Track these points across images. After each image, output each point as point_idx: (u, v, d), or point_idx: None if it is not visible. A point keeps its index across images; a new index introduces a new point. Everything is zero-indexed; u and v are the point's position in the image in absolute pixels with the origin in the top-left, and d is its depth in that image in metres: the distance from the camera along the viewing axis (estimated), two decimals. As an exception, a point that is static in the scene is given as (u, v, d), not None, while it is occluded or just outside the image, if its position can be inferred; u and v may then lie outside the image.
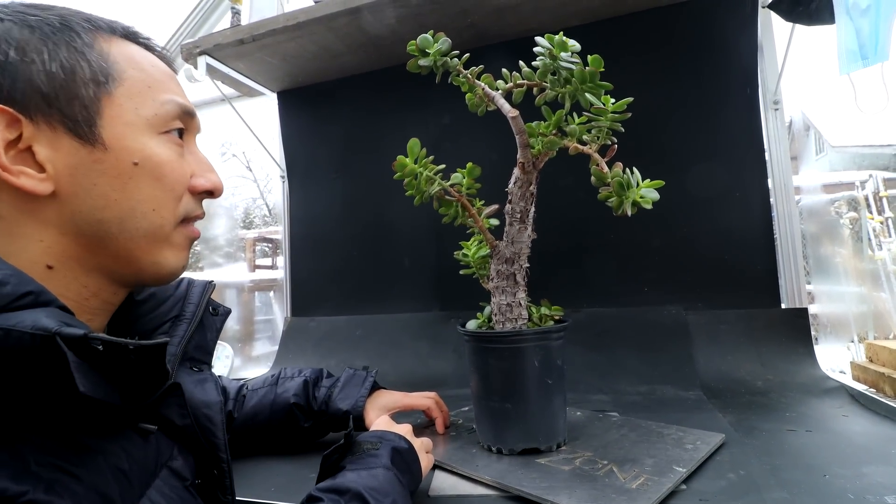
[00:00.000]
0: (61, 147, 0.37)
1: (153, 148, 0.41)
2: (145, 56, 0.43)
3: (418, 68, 0.74)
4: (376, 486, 0.52)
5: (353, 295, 1.50)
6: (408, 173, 0.75)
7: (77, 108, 0.38)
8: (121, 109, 0.39)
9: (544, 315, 0.80)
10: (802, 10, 0.96)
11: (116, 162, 0.39)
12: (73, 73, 0.38)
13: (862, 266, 2.84)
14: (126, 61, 0.41)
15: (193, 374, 0.50)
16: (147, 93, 0.41)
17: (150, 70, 0.42)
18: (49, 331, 0.29)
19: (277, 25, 1.22)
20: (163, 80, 0.43)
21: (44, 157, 0.37)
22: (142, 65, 0.42)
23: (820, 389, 0.97)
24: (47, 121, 0.37)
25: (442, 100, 1.29)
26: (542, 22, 1.24)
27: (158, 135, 0.41)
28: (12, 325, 0.29)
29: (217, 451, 0.48)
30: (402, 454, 0.60)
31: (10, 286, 0.31)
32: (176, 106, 0.43)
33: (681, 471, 0.63)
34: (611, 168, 0.64)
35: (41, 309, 0.32)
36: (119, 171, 0.39)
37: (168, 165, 0.42)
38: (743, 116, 1.18)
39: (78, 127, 0.38)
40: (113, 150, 0.39)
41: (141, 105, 0.41)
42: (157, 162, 0.41)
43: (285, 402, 0.80)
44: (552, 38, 0.66)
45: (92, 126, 0.38)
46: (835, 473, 0.62)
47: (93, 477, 0.33)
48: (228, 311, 0.57)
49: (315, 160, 1.60)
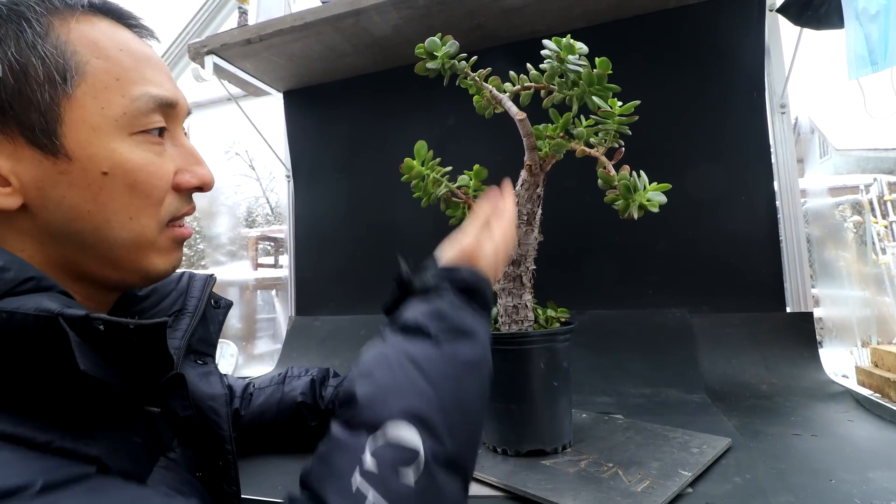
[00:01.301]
0: (23, 158, 0.34)
1: (124, 153, 0.36)
2: (114, 36, 0.37)
3: (426, 71, 0.74)
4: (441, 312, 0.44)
5: (357, 295, 1.50)
6: (415, 175, 0.76)
7: (34, 116, 0.34)
8: (84, 112, 0.35)
9: (550, 317, 0.80)
10: (811, 14, 0.96)
11: (83, 173, 0.35)
12: (26, 75, 0.33)
13: (866, 270, 2.83)
14: (89, 48, 0.36)
15: (198, 366, 0.50)
16: (115, 87, 0.36)
17: (118, 56, 0.37)
18: (52, 312, 0.30)
19: (285, 25, 1.22)
20: (134, 66, 0.37)
21: (7, 170, 0.34)
22: (108, 51, 0.36)
23: (825, 394, 0.97)
24: (4, 132, 0.34)
25: (447, 101, 1.30)
26: (548, 24, 1.24)
27: (130, 136, 0.37)
28: (15, 308, 0.29)
29: (223, 442, 0.48)
30: (471, 290, 0.48)
31: (13, 272, 0.32)
32: (150, 100, 0.38)
33: (686, 474, 0.63)
34: (618, 171, 0.64)
35: (43, 293, 0.32)
36: (87, 183, 0.35)
37: (143, 170, 0.37)
38: (749, 120, 1.18)
39: (37, 137, 0.34)
40: (78, 159, 0.35)
41: (108, 104, 0.36)
42: (130, 168, 0.37)
43: (292, 400, 0.80)
44: (559, 41, 0.66)
45: (52, 135, 0.34)
46: (841, 478, 0.62)
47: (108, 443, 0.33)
48: (230, 303, 0.56)
49: (320, 160, 1.61)
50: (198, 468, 0.46)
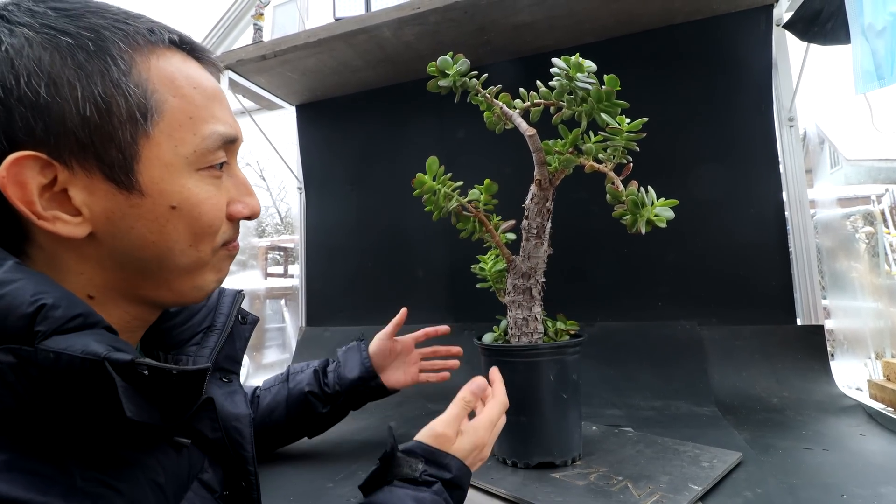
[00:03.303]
0: (97, 191, 0.35)
1: (191, 188, 0.38)
2: (189, 73, 0.39)
3: (438, 88, 0.76)
4: None
5: (368, 305, 1.52)
6: (426, 190, 0.77)
7: (113, 153, 0.35)
8: (159, 150, 0.37)
9: (560, 329, 0.81)
10: (818, 30, 0.97)
11: (153, 207, 0.37)
12: (109, 113, 0.35)
13: (878, 281, 2.80)
14: (167, 86, 0.37)
15: (223, 385, 0.51)
16: (188, 126, 0.38)
17: (191, 95, 0.38)
18: (98, 356, 0.30)
19: (299, 42, 1.25)
20: (205, 105, 0.39)
21: (80, 201, 0.35)
22: (183, 89, 0.38)
23: (836, 408, 0.96)
24: (82, 165, 0.35)
25: (457, 114, 1.32)
26: (557, 39, 1.26)
27: (197, 171, 0.39)
28: (63, 349, 0.30)
29: (246, 464, 0.48)
30: (461, 488, 0.52)
31: (62, 309, 0.32)
32: (218, 139, 0.39)
33: (697, 489, 0.63)
34: (626, 186, 0.65)
35: (90, 332, 0.33)
36: (156, 216, 0.37)
37: (207, 203, 0.39)
38: (758, 133, 1.18)
39: (114, 172, 0.35)
40: (150, 195, 0.37)
41: (181, 143, 0.38)
42: (195, 202, 0.38)
43: (300, 392, 0.83)
44: (568, 59, 0.67)
45: (129, 172, 0.36)
46: (852, 493, 0.62)
47: (132, 490, 0.34)
48: (256, 319, 0.57)
49: (332, 172, 1.63)
50: (225, 487, 0.47)
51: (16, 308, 0.31)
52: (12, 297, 0.31)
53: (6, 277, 0.32)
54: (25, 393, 0.30)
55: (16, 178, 0.33)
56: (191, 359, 0.48)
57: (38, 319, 0.31)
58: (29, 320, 0.31)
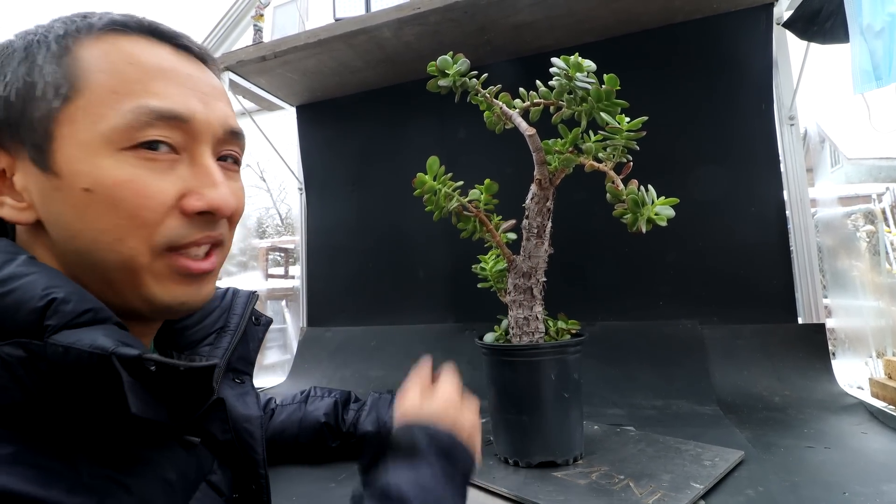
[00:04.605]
0: (30, 174, 0.35)
1: (107, 169, 0.34)
2: (130, 51, 0.36)
3: (438, 88, 0.76)
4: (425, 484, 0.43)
5: (369, 306, 1.52)
6: (427, 190, 0.77)
7: (33, 134, 0.35)
8: (74, 127, 0.34)
9: (561, 329, 0.81)
10: (817, 29, 0.97)
11: (69, 189, 0.34)
12: (29, 95, 0.34)
13: (880, 280, 2.79)
14: (96, 64, 0.35)
15: (236, 386, 0.51)
16: (109, 101, 0.34)
17: (123, 70, 0.35)
18: (106, 350, 0.30)
19: (299, 42, 1.25)
20: (139, 79, 0.35)
21: (20, 185, 0.36)
22: (115, 65, 0.35)
23: (838, 406, 0.96)
24: (16, 149, 0.35)
25: (457, 114, 1.32)
26: (557, 38, 1.26)
27: (119, 151, 0.34)
28: (72, 343, 0.30)
29: (256, 466, 0.48)
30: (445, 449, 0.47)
31: (73, 304, 0.32)
32: (147, 113, 0.35)
33: (698, 487, 0.63)
34: (626, 185, 0.65)
35: (100, 326, 0.33)
36: (74, 200, 0.34)
37: (127, 188, 0.34)
38: (758, 132, 1.18)
39: (35, 152, 0.35)
40: (65, 175, 0.34)
41: (99, 118, 0.34)
42: (111, 185, 0.34)
43: (315, 420, 0.81)
44: (568, 59, 0.67)
45: (44, 151, 0.34)
46: (854, 491, 0.62)
47: (141, 487, 0.34)
48: (270, 320, 0.57)
49: (332, 173, 1.63)
50: (234, 490, 0.47)
51: (27, 302, 0.31)
52: (24, 291, 0.31)
53: (18, 271, 0.32)
54: (34, 387, 0.30)
55: None
56: (203, 359, 0.48)
57: (49, 314, 0.31)
58: (39, 314, 0.31)
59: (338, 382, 1.35)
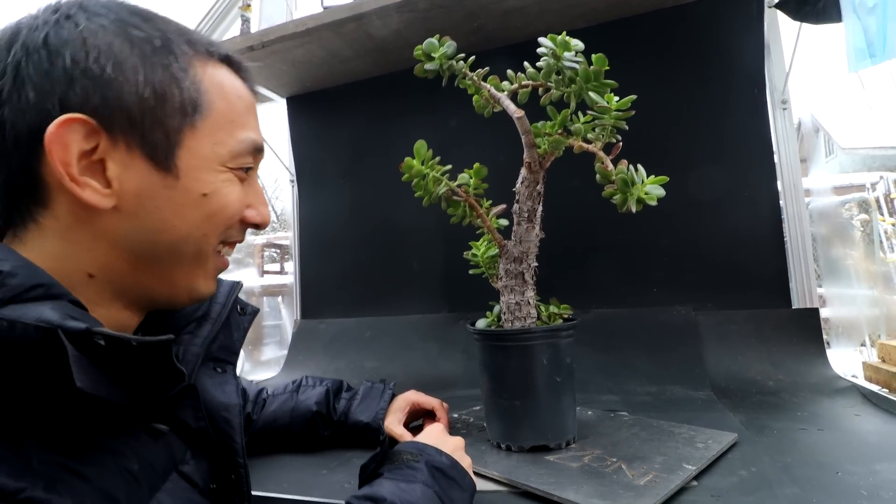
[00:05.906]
0: (133, 167, 0.38)
1: (222, 182, 0.42)
2: (234, 85, 0.44)
3: (425, 73, 0.75)
4: (413, 501, 0.48)
5: (363, 297, 1.51)
6: (415, 174, 0.76)
7: (159, 135, 0.38)
8: (200, 143, 0.40)
9: (553, 313, 0.80)
10: (809, 9, 0.97)
11: (185, 192, 0.40)
12: (164, 100, 0.38)
13: (874, 268, 2.81)
14: (216, 91, 0.41)
15: (216, 375, 0.50)
16: (228, 128, 0.42)
17: (235, 103, 0.43)
18: (52, 323, 0.29)
19: (287, 32, 1.24)
20: (244, 113, 0.44)
21: (113, 173, 0.37)
22: (229, 96, 0.43)
23: (831, 389, 0.96)
24: (126, 140, 0.37)
25: (449, 103, 1.31)
26: (548, 24, 1.25)
27: (227, 168, 0.42)
28: (17, 317, 0.29)
29: (235, 455, 0.47)
30: (443, 471, 0.54)
31: (20, 277, 0.31)
32: (250, 144, 0.43)
33: (691, 468, 0.62)
34: (615, 165, 0.64)
35: (49, 302, 0.31)
36: (185, 201, 0.40)
37: (232, 197, 0.42)
38: (750, 117, 1.18)
39: (155, 153, 0.38)
40: (184, 179, 0.40)
41: (220, 141, 0.41)
42: (224, 194, 0.42)
43: (307, 409, 0.80)
44: (555, 38, 0.66)
45: (169, 156, 0.39)
46: (847, 471, 0.62)
47: (99, 476, 0.32)
48: (256, 310, 0.56)
49: (324, 164, 1.62)
50: (212, 480, 0.46)
51: None
52: None
53: None
54: None
55: (62, 138, 0.35)
56: (182, 348, 0.47)
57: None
58: None
59: (332, 374, 1.34)
